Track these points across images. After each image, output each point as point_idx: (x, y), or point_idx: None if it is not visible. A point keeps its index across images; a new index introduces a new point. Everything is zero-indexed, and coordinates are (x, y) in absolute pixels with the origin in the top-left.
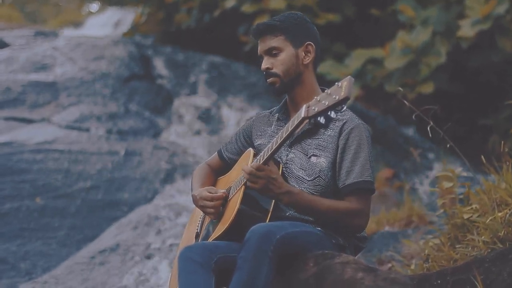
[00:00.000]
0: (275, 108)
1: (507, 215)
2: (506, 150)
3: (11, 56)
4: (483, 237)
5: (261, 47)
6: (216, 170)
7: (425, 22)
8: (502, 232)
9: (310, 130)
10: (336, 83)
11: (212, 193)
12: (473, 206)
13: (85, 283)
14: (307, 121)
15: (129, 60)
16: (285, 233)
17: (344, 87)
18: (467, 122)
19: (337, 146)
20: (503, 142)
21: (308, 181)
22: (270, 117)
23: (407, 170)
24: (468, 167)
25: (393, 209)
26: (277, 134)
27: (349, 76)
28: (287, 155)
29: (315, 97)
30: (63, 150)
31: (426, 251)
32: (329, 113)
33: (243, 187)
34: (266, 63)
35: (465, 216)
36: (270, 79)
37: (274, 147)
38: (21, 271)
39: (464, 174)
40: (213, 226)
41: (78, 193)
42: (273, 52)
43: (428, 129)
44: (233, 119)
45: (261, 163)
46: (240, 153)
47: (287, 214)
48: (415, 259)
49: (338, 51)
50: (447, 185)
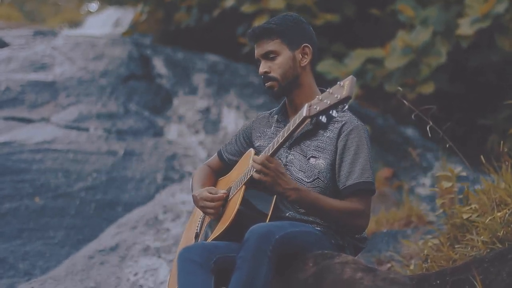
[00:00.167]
0: (274, 109)
1: (506, 215)
2: (505, 150)
3: (10, 55)
4: (482, 237)
5: (258, 51)
6: (216, 171)
7: (425, 22)
8: (501, 232)
9: (309, 131)
10: (338, 82)
11: (212, 194)
12: (472, 206)
13: (84, 283)
14: (309, 120)
15: (128, 59)
16: (285, 233)
17: (346, 86)
18: (466, 122)
19: (336, 147)
20: (502, 142)
21: (307, 182)
22: (269, 118)
23: (407, 170)
24: (467, 167)
25: (393, 209)
26: (276, 135)
27: (351, 75)
28: (287, 157)
29: (317, 96)
30: (62, 150)
31: (425, 251)
32: (331, 112)
33: (243, 187)
34: (263, 67)
35: (464, 216)
36: (268, 83)
37: (276, 146)
38: (20, 271)
39: (463, 174)
40: (212, 226)
41: (77, 193)
42: (270, 56)
43: (427, 129)
44: (232, 119)
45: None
46: (240, 154)
47: (287, 214)
48: (414, 259)
49: (337, 51)
50: (446, 185)
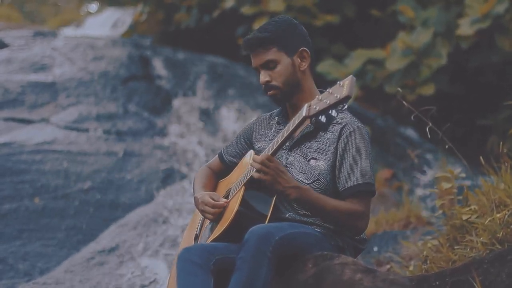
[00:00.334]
0: (275, 111)
1: (506, 216)
2: (505, 151)
3: (10, 56)
4: (481, 238)
5: (256, 61)
6: (217, 172)
7: (426, 23)
8: (500, 233)
9: (309, 133)
10: (338, 82)
11: (214, 200)
12: (472, 207)
13: (84, 283)
14: (309, 120)
15: (128, 60)
16: (284, 234)
17: (346, 86)
18: (466, 123)
19: (337, 149)
20: (502, 142)
21: (307, 184)
22: (270, 120)
23: (406, 170)
24: (467, 168)
25: (392, 209)
26: (276, 137)
27: (351, 75)
28: (287, 159)
29: (316, 96)
30: (62, 150)
31: (424, 252)
32: (330, 112)
33: (243, 188)
34: (264, 76)
35: (464, 217)
36: (270, 92)
37: (275, 146)
38: (20, 272)
39: (463, 175)
40: (212, 227)
41: (77, 194)
42: (270, 65)
43: (427, 130)
44: (232, 120)
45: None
46: (240, 155)
47: (287, 215)
48: (413, 260)
49: (337, 52)
50: (446, 186)
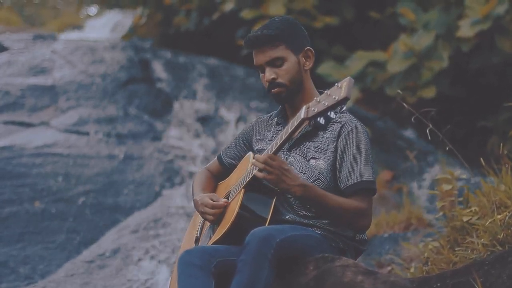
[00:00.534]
0: (273, 112)
1: (507, 218)
2: (505, 152)
3: (10, 59)
4: (482, 240)
5: (261, 58)
6: (216, 175)
7: (427, 25)
8: (501, 234)
9: (308, 133)
10: (336, 84)
11: (214, 201)
12: (473, 208)
13: (84, 287)
14: (307, 122)
15: (128, 63)
16: (285, 236)
17: (343, 88)
18: (466, 124)
19: (336, 148)
20: (502, 144)
21: None
22: (269, 121)
23: (407, 172)
24: (467, 170)
25: (393, 211)
26: (275, 138)
27: (349, 77)
28: (287, 159)
29: (314, 98)
30: (62, 154)
31: (425, 254)
32: (329, 114)
33: (242, 190)
34: (270, 74)
35: (465, 218)
36: (275, 89)
37: (274, 149)
38: (20, 275)
39: (463, 176)
40: (212, 230)
41: (77, 197)
42: (277, 63)
43: (427, 131)
44: (232, 122)
45: None
46: (239, 158)
47: (287, 217)
48: (414, 262)
49: (337, 54)
50: (446, 187)
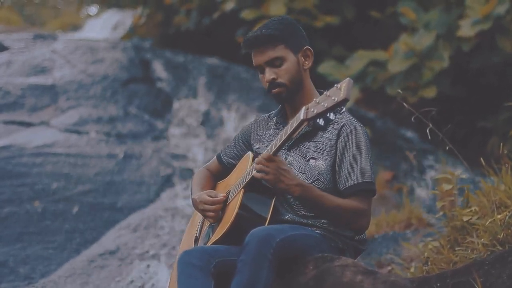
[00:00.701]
0: (273, 111)
1: (507, 217)
2: (505, 152)
3: (10, 59)
4: (482, 240)
5: (260, 58)
6: (215, 174)
7: (427, 25)
8: (501, 234)
9: (308, 133)
10: (335, 85)
11: (212, 197)
12: (473, 208)
13: (84, 286)
14: (306, 123)
15: (128, 63)
16: (285, 236)
17: (343, 89)
18: (466, 124)
19: (336, 148)
20: (502, 144)
21: None
22: (268, 121)
23: (407, 172)
24: (467, 169)
25: (393, 211)
26: (275, 138)
27: (348, 78)
28: (286, 159)
29: (314, 99)
30: (62, 153)
31: (425, 254)
32: (328, 115)
33: (242, 191)
34: (270, 74)
35: (465, 218)
36: (276, 89)
37: (273, 149)
38: (20, 275)
39: (463, 176)
40: (212, 230)
41: (77, 197)
42: (276, 63)
43: (427, 131)
44: (232, 122)
45: None
46: (239, 157)
47: (286, 217)
48: (414, 261)
49: (337, 54)
50: (446, 187)
